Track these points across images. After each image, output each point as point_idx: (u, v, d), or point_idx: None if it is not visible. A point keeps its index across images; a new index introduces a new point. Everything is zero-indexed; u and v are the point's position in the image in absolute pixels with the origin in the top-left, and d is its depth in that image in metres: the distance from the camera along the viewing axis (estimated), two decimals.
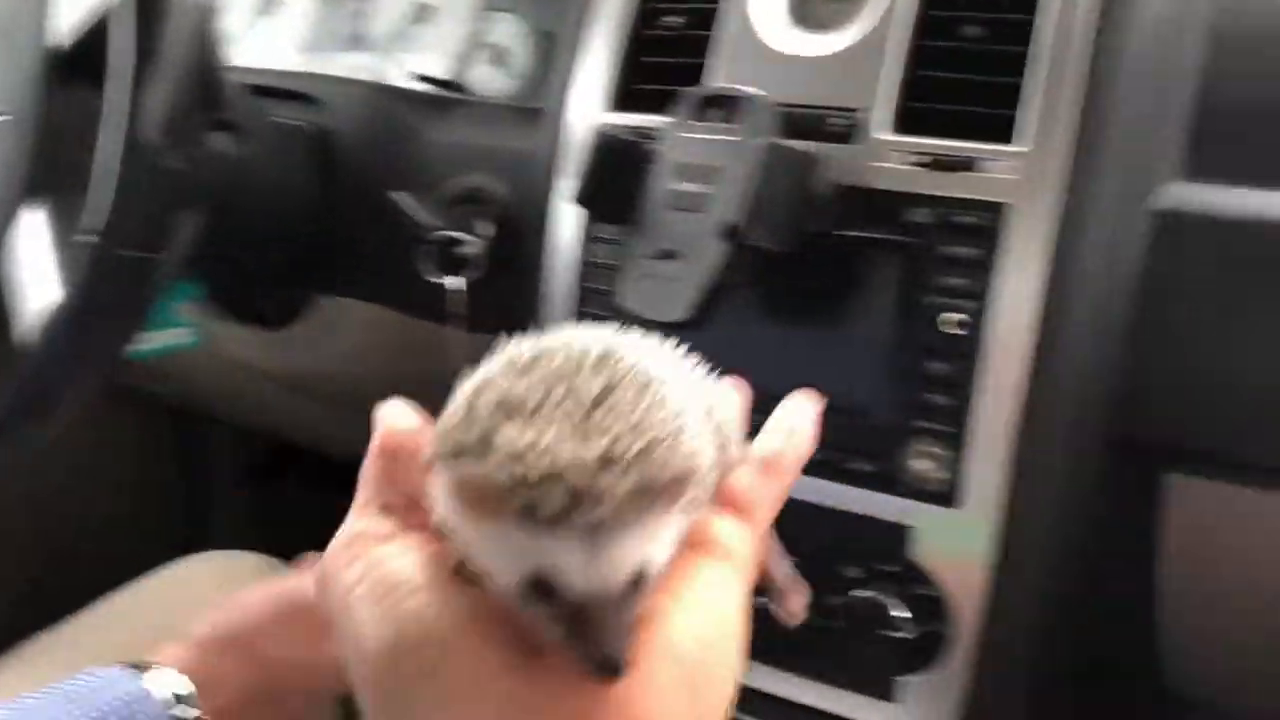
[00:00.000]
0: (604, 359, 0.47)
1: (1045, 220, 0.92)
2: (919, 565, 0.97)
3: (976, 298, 0.93)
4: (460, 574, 0.48)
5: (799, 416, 0.61)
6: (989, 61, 0.96)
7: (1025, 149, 0.93)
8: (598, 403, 0.45)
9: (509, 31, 1.40)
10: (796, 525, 1.01)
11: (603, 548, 0.44)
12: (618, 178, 0.99)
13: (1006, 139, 0.94)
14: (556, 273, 1.15)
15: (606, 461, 0.43)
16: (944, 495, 0.95)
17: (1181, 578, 1.03)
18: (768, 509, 0.56)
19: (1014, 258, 0.92)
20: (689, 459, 0.46)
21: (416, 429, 0.53)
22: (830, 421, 1.00)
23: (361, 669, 0.47)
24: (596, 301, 1.11)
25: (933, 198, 0.96)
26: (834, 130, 1.00)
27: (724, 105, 0.97)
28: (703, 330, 0.96)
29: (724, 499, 0.53)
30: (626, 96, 1.14)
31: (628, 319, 0.97)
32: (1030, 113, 0.93)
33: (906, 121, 0.99)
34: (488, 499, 0.44)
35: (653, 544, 0.46)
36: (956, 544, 0.95)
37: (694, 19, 1.11)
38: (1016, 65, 0.95)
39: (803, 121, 1.01)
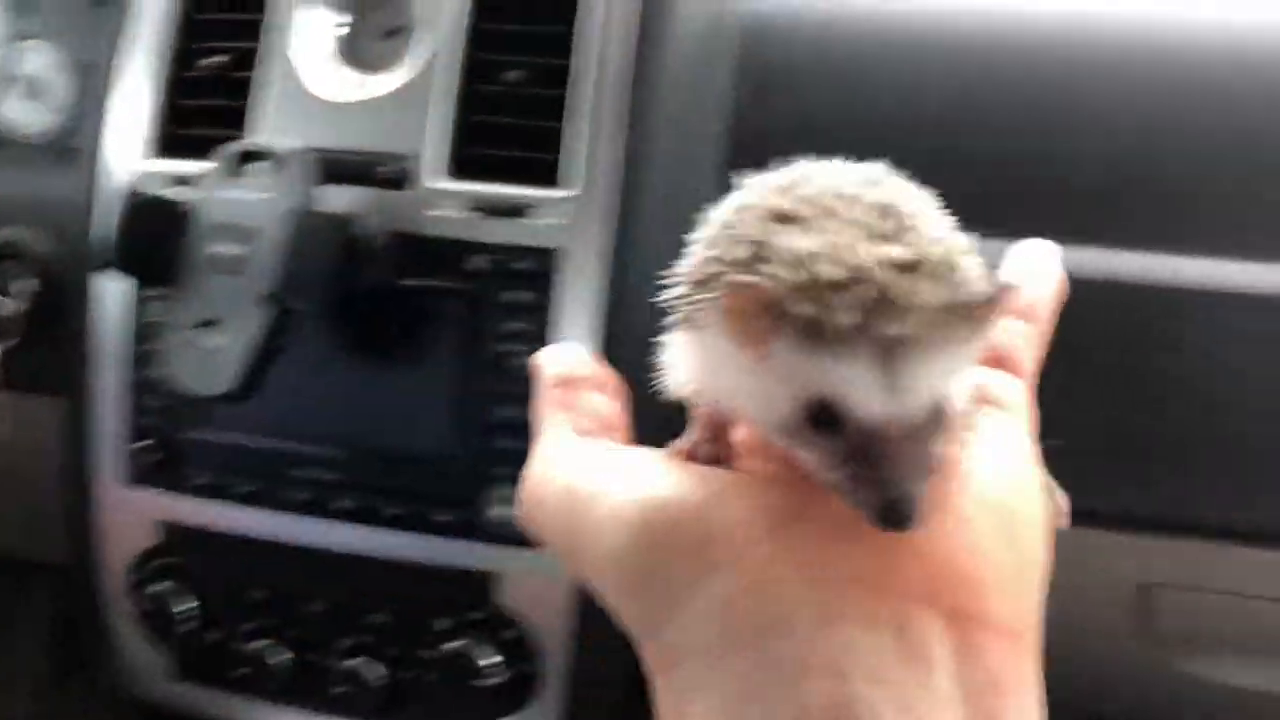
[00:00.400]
0: (873, 179, 0.42)
1: (596, 262, 0.94)
2: (506, 609, 0.97)
3: (536, 342, 0.94)
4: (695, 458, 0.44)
5: (1037, 259, 0.53)
6: (533, 105, 0.97)
7: (572, 193, 0.95)
8: (887, 212, 0.39)
9: (43, 62, 1.26)
10: (381, 582, 1.01)
11: (906, 366, 0.37)
12: (154, 238, 0.92)
13: (559, 183, 0.96)
14: (106, 335, 1.05)
15: (913, 267, 0.37)
16: (523, 537, 0.95)
17: None
18: (1032, 360, 0.49)
19: (569, 301, 0.94)
20: (995, 281, 0.39)
21: (589, 361, 0.50)
22: (409, 473, 1.00)
23: (610, 575, 0.42)
24: (158, 365, 1.04)
25: (488, 245, 0.96)
26: (386, 177, 0.98)
27: (264, 158, 0.92)
28: (266, 390, 0.92)
29: (988, 356, 0.46)
30: (168, 141, 1.06)
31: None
32: (574, 157, 0.95)
33: (460, 167, 0.98)
34: (762, 312, 0.38)
35: (958, 373, 0.39)
36: (539, 584, 0.97)
37: (236, 59, 1.05)
38: (560, 110, 0.96)
39: (353, 169, 0.98)
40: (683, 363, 0.45)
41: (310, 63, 1.03)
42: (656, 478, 0.42)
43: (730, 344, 0.40)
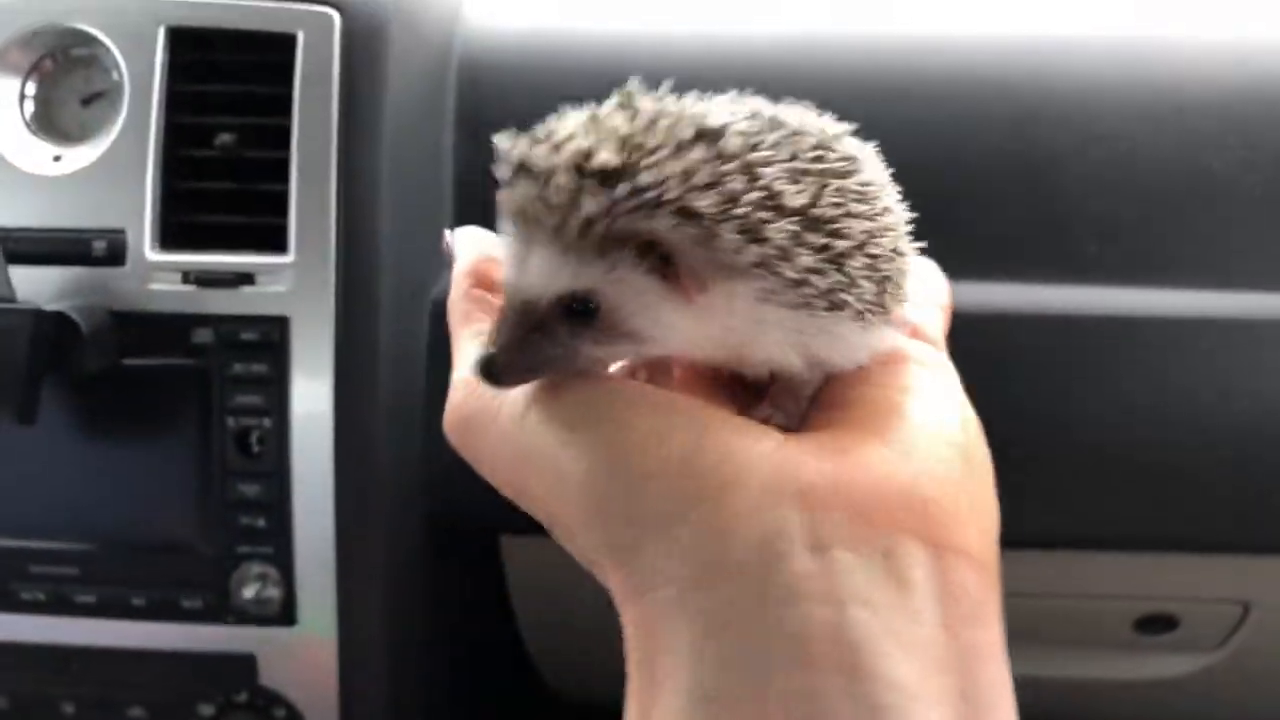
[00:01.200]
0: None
1: (326, 327, 0.92)
2: (270, 689, 0.95)
3: (273, 414, 0.92)
4: None
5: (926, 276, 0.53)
6: (249, 169, 0.94)
7: (296, 258, 0.92)
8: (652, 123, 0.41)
9: None
10: (136, 674, 0.97)
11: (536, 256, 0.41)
12: None
13: (281, 248, 0.93)
14: None
15: (594, 172, 0.39)
16: (281, 616, 0.94)
17: (533, 610, 1.11)
18: (941, 333, 0.51)
19: (303, 369, 0.92)
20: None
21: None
22: (154, 560, 0.96)
23: (574, 503, 0.41)
24: None
25: (212, 317, 0.92)
26: (100, 255, 0.93)
27: None
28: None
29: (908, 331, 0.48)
30: None
31: None
32: (295, 220, 0.93)
33: (176, 237, 0.94)
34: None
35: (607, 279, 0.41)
36: (303, 660, 0.95)
37: None
38: (278, 172, 0.93)
39: (60, 248, 0.93)
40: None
41: (5, 135, 0.96)
42: (619, 406, 0.42)
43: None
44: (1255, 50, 0.98)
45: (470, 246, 0.51)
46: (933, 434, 0.42)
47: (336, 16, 0.94)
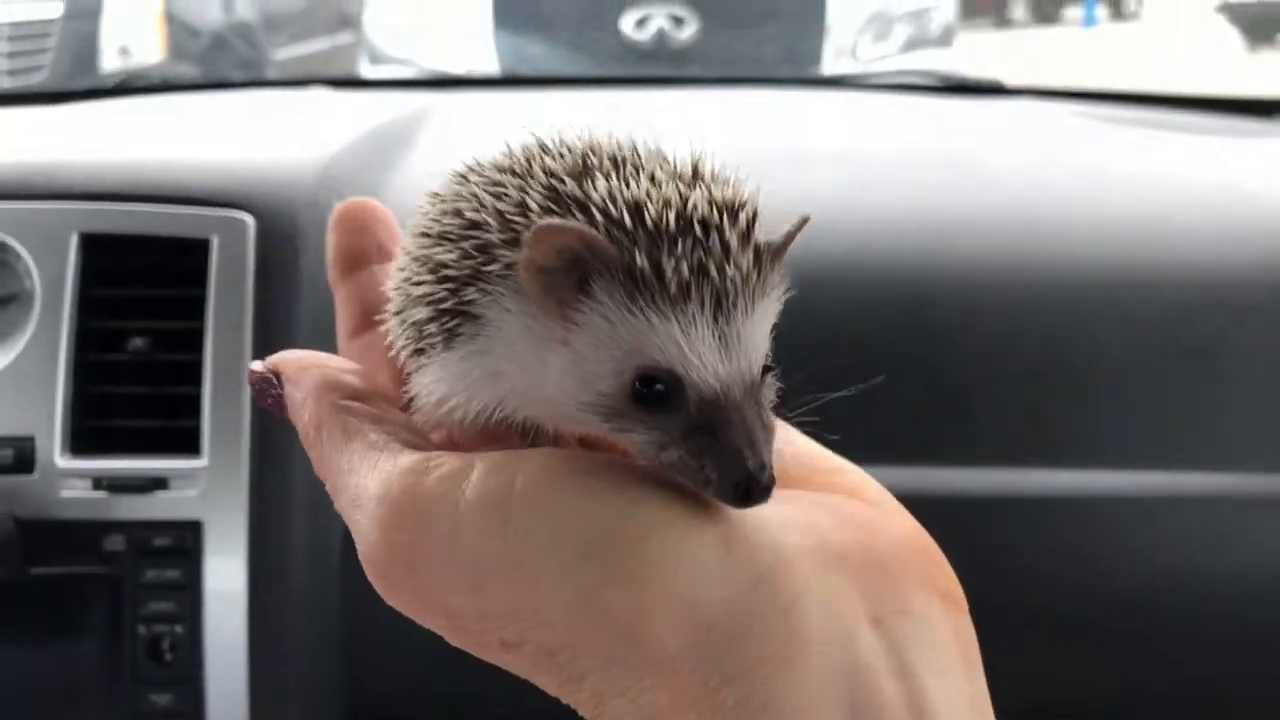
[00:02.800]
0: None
1: (240, 530, 0.92)
2: None
3: (186, 620, 0.91)
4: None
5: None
6: (161, 372, 0.94)
7: (209, 461, 0.92)
8: (666, 157, 0.38)
9: None
10: None
11: (738, 324, 0.35)
12: None
13: (194, 451, 0.93)
14: None
15: (728, 210, 0.36)
16: None
17: None
18: None
19: (216, 573, 0.91)
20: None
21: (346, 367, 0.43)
22: None
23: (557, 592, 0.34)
24: None
25: (125, 523, 0.92)
26: (6, 463, 0.92)
27: None
28: None
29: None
30: None
31: None
32: (210, 423, 0.93)
33: (87, 443, 0.93)
34: (574, 263, 0.34)
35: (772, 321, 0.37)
36: None
37: None
38: (191, 374, 0.94)
39: None
40: (442, 384, 0.39)
41: None
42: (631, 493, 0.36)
43: (523, 326, 0.36)
44: (1134, 226, 1.03)
45: (306, 364, 0.43)
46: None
47: (250, 220, 0.95)
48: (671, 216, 0.34)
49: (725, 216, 0.35)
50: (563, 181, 0.36)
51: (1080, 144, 1.28)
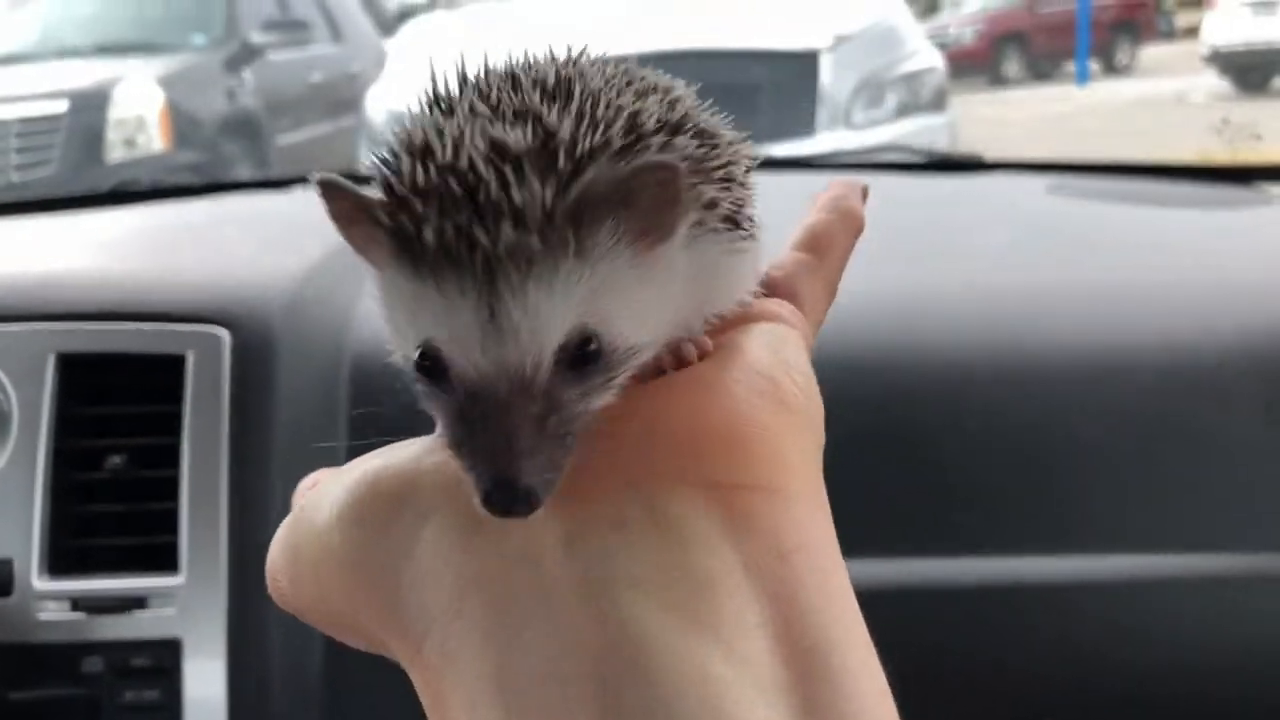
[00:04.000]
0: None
1: (219, 647, 0.91)
2: None
3: None
4: None
5: (851, 196, 0.46)
6: (138, 489, 0.94)
7: (187, 579, 0.92)
8: (549, 87, 0.34)
9: None
10: None
11: (510, 302, 0.31)
12: None
13: (172, 568, 0.92)
14: None
15: (537, 147, 0.31)
16: None
17: None
18: (816, 296, 0.43)
19: (195, 691, 0.91)
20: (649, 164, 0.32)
21: None
22: None
23: (334, 572, 0.37)
24: None
25: (103, 644, 0.91)
26: None
27: None
28: None
29: (768, 287, 0.42)
30: None
31: None
32: (188, 539, 0.93)
33: (65, 563, 0.93)
34: (360, 223, 0.32)
35: (600, 301, 0.32)
36: None
37: None
38: (168, 490, 0.94)
39: None
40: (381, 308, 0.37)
41: None
42: (362, 463, 0.38)
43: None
44: (1111, 306, 1.04)
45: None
46: (739, 365, 0.37)
47: (226, 335, 0.96)
48: (446, 162, 0.31)
49: (512, 170, 0.30)
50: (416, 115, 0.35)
51: (1057, 221, 1.28)
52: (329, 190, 0.33)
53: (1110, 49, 9.65)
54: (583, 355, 0.32)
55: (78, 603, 0.92)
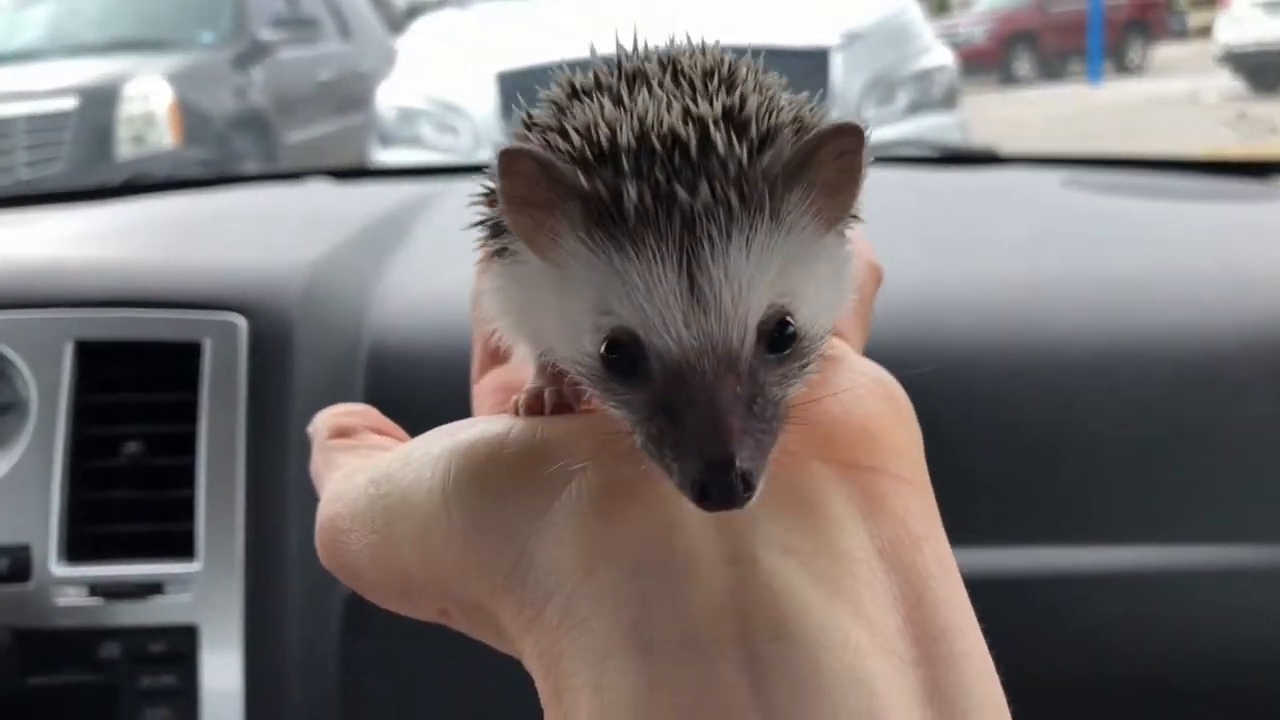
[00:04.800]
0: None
1: (235, 634, 0.91)
2: None
3: None
4: None
5: (868, 251, 0.47)
6: (155, 476, 0.94)
7: (204, 565, 0.92)
8: (713, 74, 0.33)
9: None
10: None
11: (712, 269, 0.29)
12: None
13: (189, 554, 0.93)
14: None
15: (729, 120, 0.30)
16: None
17: None
18: (858, 336, 0.47)
19: (212, 679, 0.91)
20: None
21: (363, 410, 0.47)
22: None
23: (439, 544, 0.37)
24: None
25: (118, 630, 0.91)
26: (2, 573, 0.92)
27: None
28: None
29: None
30: None
31: None
32: (205, 526, 0.93)
33: (82, 549, 0.94)
34: (544, 190, 0.30)
35: (789, 269, 0.31)
36: None
37: None
38: (185, 477, 0.94)
39: None
40: (496, 298, 0.37)
41: None
42: (450, 436, 0.37)
43: (535, 263, 0.32)
44: (1125, 299, 1.03)
45: (316, 420, 0.48)
46: (855, 369, 0.40)
47: (243, 322, 0.96)
48: (640, 132, 0.29)
49: (711, 129, 0.30)
50: (564, 101, 0.33)
51: (1071, 215, 1.28)
52: (514, 160, 0.30)
53: (1122, 48, 9.63)
54: (780, 337, 0.31)
55: (95, 588, 0.92)
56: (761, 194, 0.30)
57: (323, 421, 0.47)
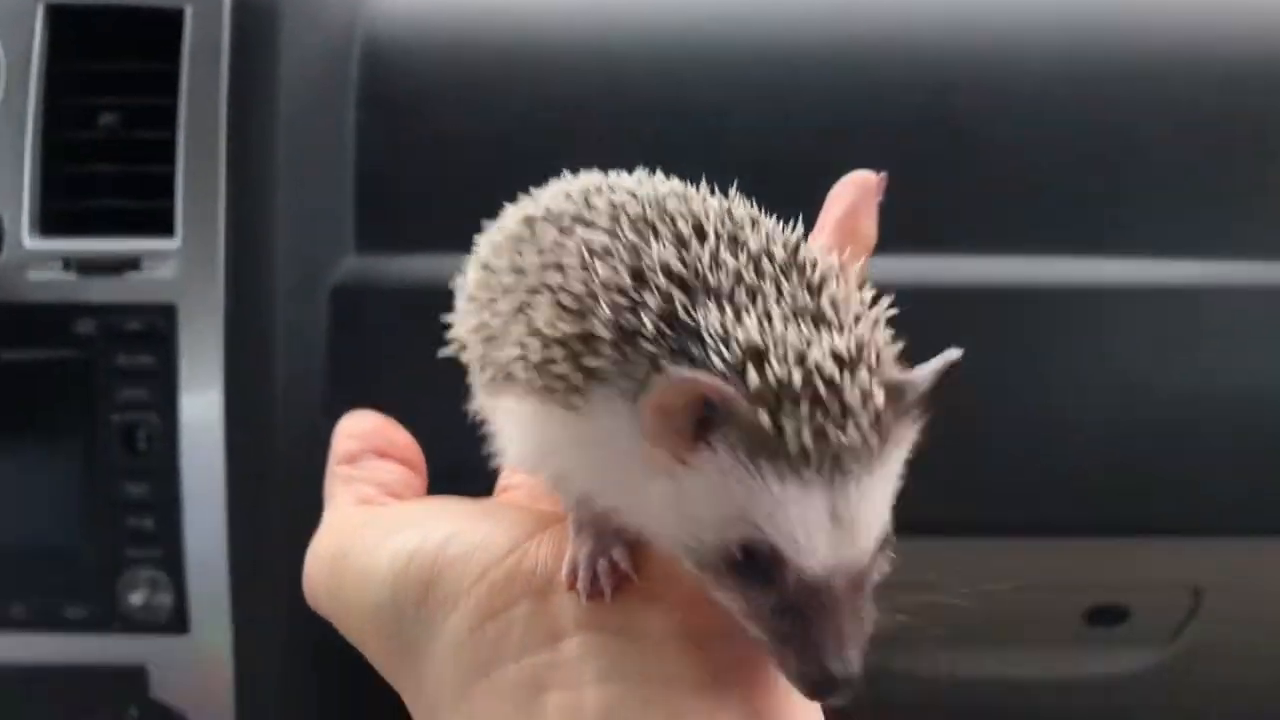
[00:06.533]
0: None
1: (216, 315, 0.87)
2: (162, 702, 0.89)
3: (161, 409, 0.87)
4: None
5: (864, 212, 0.47)
6: (133, 151, 0.89)
7: (183, 243, 0.87)
8: (791, 267, 0.36)
9: None
10: (18, 689, 0.91)
11: (854, 501, 0.33)
12: None
13: (168, 232, 0.88)
14: None
15: (852, 360, 0.33)
16: (171, 623, 0.88)
17: None
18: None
19: (191, 360, 0.87)
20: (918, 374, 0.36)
21: (377, 429, 0.50)
22: (34, 567, 0.90)
23: (369, 630, 0.43)
24: None
25: (94, 306, 0.87)
26: None
27: None
28: None
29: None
30: None
31: None
32: (184, 203, 0.87)
33: (57, 223, 0.89)
34: (700, 413, 0.32)
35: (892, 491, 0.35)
36: (195, 671, 0.89)
37: None
38: (164, 153, 0.88)
39: None
40: (535, 441, 0.40)
41: None
42: (404, 528, 0.42)
43: (631, 433, 0.34)
44: (1181, 11, 0.95)
45: (354, 423, 0.51)
46: None
47: None
48: (791, 368, 0.32)
49: (846, 369, 0.33)
50: (671, 299, 0.34)
51: None
52: (682, 386, 0.32)
53: None
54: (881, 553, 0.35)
55: (69, 262, 0.88)
56: (889, 433, 0.33)
57: (334, 442, 0.51)
